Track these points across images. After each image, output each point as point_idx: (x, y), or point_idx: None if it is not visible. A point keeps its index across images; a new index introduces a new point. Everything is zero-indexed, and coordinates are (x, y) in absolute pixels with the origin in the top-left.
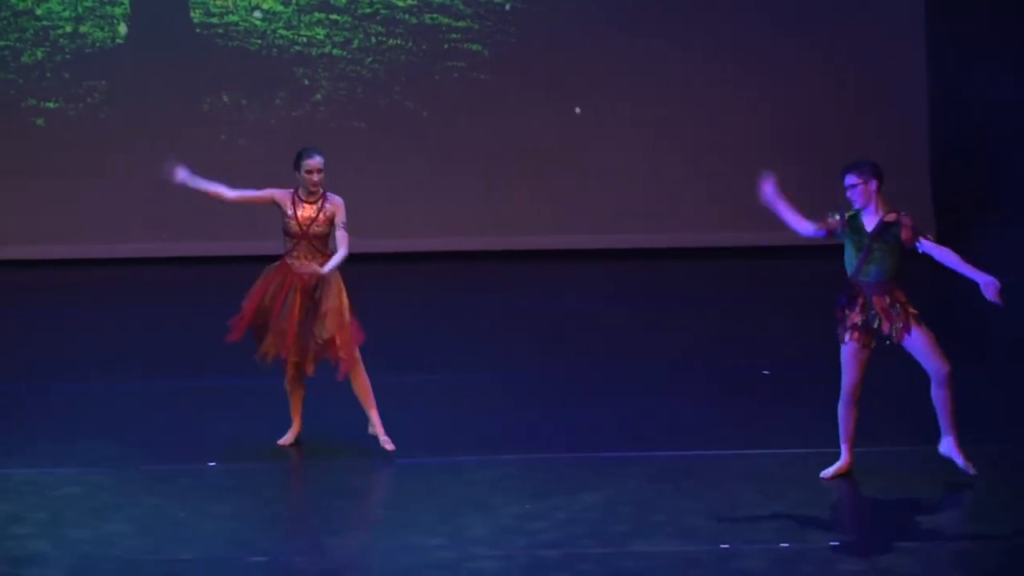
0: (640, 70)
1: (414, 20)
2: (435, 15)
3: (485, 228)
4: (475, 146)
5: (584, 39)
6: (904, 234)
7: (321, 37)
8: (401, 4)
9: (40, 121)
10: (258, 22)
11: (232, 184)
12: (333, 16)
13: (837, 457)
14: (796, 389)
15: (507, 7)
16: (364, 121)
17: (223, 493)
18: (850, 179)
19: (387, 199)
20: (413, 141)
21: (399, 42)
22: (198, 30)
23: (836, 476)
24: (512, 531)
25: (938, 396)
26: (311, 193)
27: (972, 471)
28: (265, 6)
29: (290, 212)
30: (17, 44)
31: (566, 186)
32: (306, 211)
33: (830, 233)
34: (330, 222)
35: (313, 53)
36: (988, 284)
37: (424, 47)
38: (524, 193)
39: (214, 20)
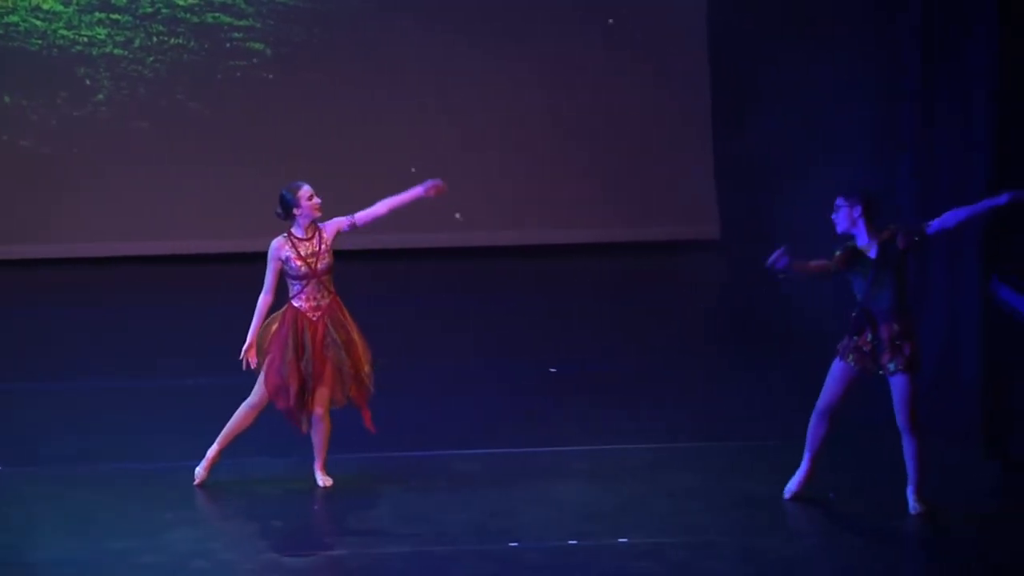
0: (425, 66)
1: (196, 19)
2: (217, 14)
3: (269, 229)
4: (259, 145)
5: (367, 37)
6: (900, 241)
7: (102, 37)
8: (182, 3)
9: None
10: (38, 22)
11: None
12: (114, 16)
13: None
14: (586, 386)
15: (290, 5)
16: (146, 121)
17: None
18: (838, 201)
19: (170, 199)
20: (196, 141)
21: (181, 41)
22: None
23: (801, 488)
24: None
25: (908, 446)
26: (310, 225)
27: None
28: (45, 6)
29: (292, 255)
30: None
31: (351, 186)
32: (307, 248)
33: (836, 272)
34: (331, 251)
35: (94, 53)
36: (1004, 199)
37: (206, 46)
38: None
39: None
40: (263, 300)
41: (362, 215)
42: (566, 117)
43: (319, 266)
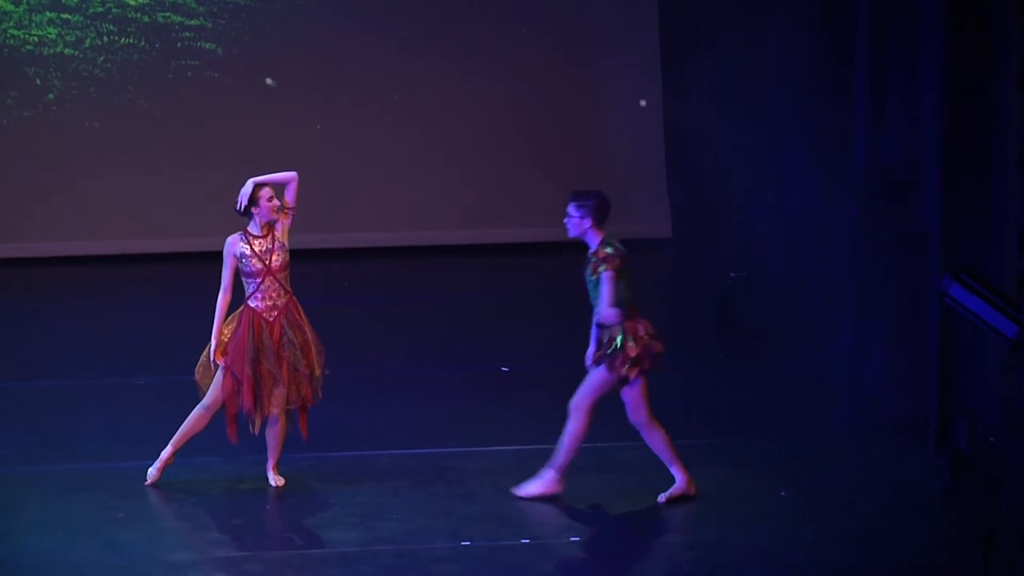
0: (374, 66)
1: (146, 19)
2: (168, 13)
3: (217, 228)
4: (210, 145)
5: (317, 37)
6: (590, 267)
7: (53, 36)
8: (133, 3)
9: None
10: None
11: None
12: (64, 15)
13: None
14: (537, 385)
15: (240, 4)
16: (98, 120)
17: None
18: (570, 209)
19: (121, 199)
20: (148, 140)
21: (132, 41)
22: None
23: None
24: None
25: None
26: (265, 224)
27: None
28: None
29: (248, 252)
30: None
31: (301, 185)
32: (262, 244)
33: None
34: (286, 248)
35: (45, 52)
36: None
37: (157, 45)
38: None
39: None
40: (222, 299)
41: (287, 194)
42: (518, 118)
43: (274, 263)
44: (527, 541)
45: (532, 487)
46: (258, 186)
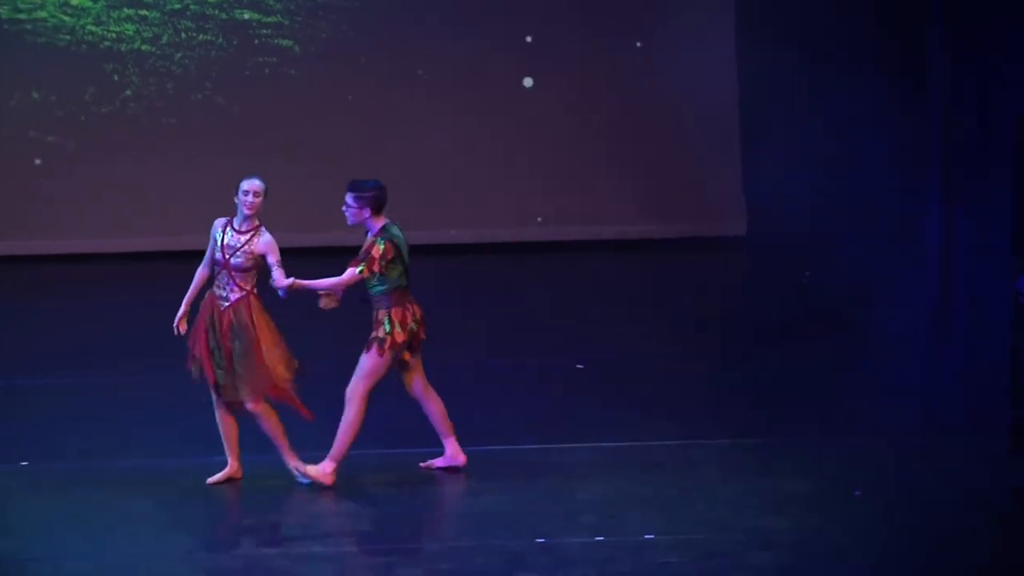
0: (453, 64)
1: (224, 16)
2: (245, 10)
3: (294, 225)
4: (286, 142)
5: (395, 33)
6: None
7: (131, 33)
8: (211, 0)
9: None
10: (67, 18)
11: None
12: (142, 12)
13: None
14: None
15: (318, 1)
16: (174, 116)
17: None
18: (348, 199)
19: (196, 196)
20: (224, 137)
21: (209, 37)
22: (6, 26)
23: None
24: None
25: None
26: (246, 219)
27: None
28: (74, 2)
29: (218, 239)
30: None
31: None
32: (233, 239)
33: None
34: (254, 258)
35: (123, 49)
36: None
37: (235, 43)
38: (334, 190)
39: (22, 16)
40: (199, 272)
41: (284, 282)
42: (592, 114)
43: (231, 260)
44: (601, 539)
45: (312, 470)
46: (247, 178)
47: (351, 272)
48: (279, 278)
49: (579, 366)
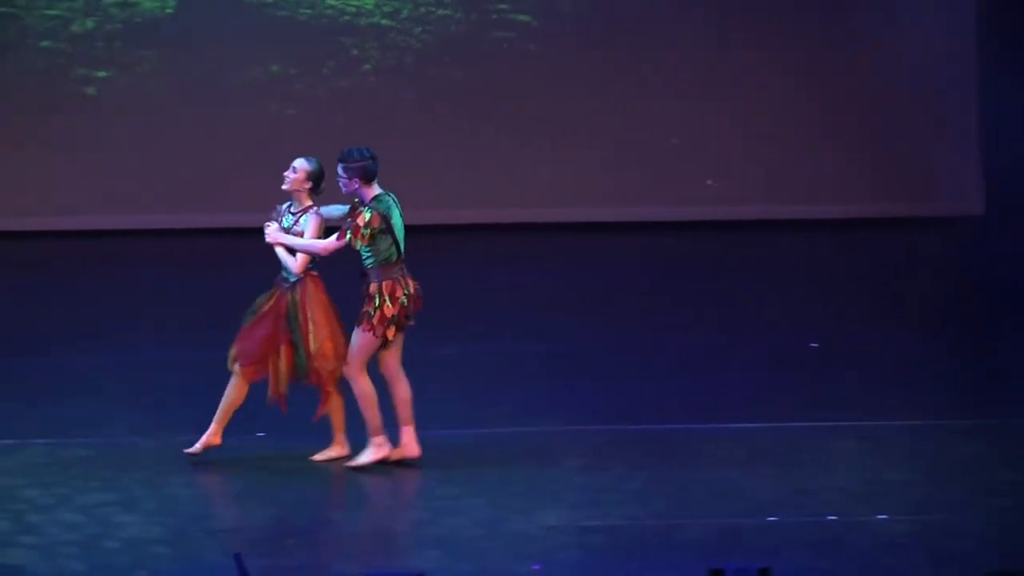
0: (687, 43)
1: None
2: None
3: (530, 200)
4: (523, 117)
5: (635, 10)
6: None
7: (370, 7)
8: None
9: (91, 90)
10: None
11: (278, 160)
12: None
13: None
14: (846, 360)
15: None
16: (412, 91)
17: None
18: (339, 170)
19: (434, 169)
20: (462, 111)
21: (448, 12)
22: (247, 0)
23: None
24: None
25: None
26: (294, 200)
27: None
28: None
29: (274, 219)
30: (67, 13)
31: (613, 157)
32: (289, 221)
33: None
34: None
35: (362, 23)
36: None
37: (473, 17)
38: (572, 165)
39: None
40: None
41: (273, 236)
42: (816, 90)
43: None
44: (834, 518)
45: (364, 456)
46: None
47: (334, 239)
48: (272, 233)
49: (812, 344)
